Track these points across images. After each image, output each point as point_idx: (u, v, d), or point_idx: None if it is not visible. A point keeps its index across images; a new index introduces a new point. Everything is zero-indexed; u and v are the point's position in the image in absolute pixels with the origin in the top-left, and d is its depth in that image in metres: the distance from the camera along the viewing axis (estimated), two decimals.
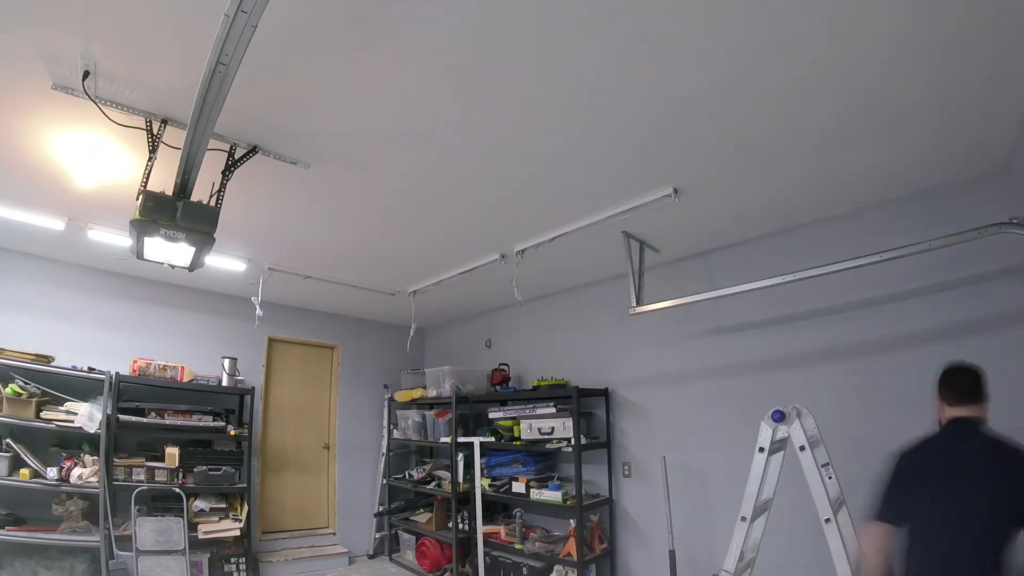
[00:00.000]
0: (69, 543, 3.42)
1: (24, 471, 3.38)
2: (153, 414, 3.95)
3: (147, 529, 3.65)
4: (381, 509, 5.31)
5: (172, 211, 2.16)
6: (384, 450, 5.50)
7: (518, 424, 4.20)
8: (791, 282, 2.65)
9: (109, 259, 3.86)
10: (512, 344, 5.12)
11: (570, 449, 3.74)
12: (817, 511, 1.74)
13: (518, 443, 4.19)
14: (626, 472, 3.94)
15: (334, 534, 5.18)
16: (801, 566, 2.72)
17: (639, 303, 3.29)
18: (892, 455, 1.75)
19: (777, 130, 2.26)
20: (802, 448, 1.80)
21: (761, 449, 1.88)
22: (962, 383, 1.82)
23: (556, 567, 3.76)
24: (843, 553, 1.66)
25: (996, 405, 2.45)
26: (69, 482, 3.44)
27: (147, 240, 2.21)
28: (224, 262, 3.85)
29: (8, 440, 3.41)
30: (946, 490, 1.60)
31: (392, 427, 5.46)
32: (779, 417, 1.87)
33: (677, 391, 3.72)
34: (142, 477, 3.84)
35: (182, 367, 4.21)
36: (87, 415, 3.54)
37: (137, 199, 2.18)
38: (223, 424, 4.25)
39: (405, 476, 5.26)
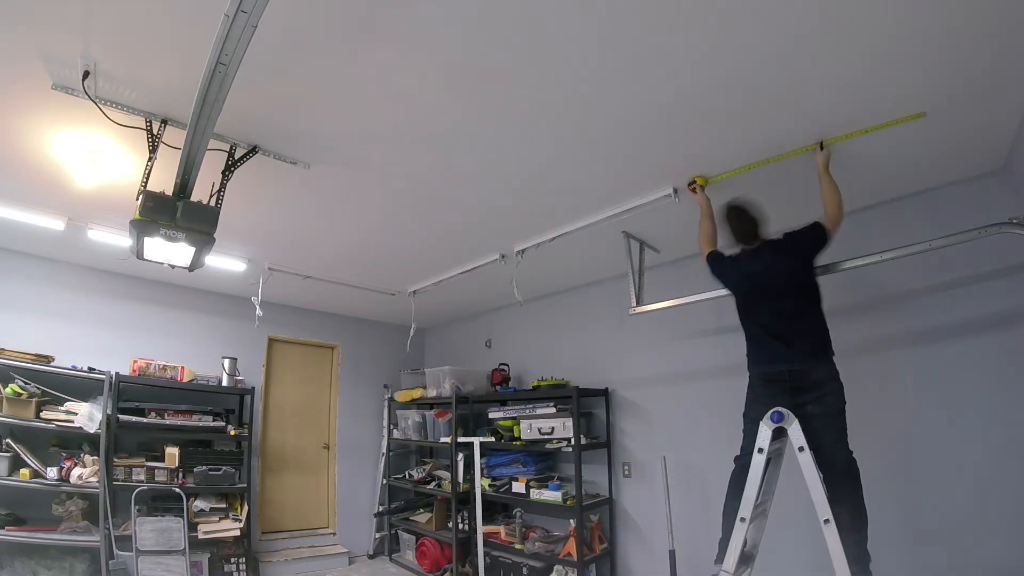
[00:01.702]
0: (69, 543, 3.42)
1: (24, 471, 3.38)
2: (153, 414, 3.95)
3: (147, 529, 3.64)
4: (381, 509, 5.31)
5: (172, 211, 2.16)
6: (384, 450, 5.50)
7: (518, 424, 4.20)
8: None
9: (109, 259, 3.86)
10: (512, 344, 5.12)
11: (570, 449, 3.74)
12: (816, 512, 1.73)
13: (518, 443, 4.19)
14: (626, 472, 3.94)
15: (334, 534, 5.18)
16: (801, 566, 2.72)
17: (639, 303, 3.28)
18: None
19: (777, 129, 2.26)
20: (801, 449, 1.79)
21: (760, 450, 1.88)
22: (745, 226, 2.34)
23: (556, 567, 3.76)
24: (842, 554, 1.65)
25: (996, 405, 2.46)
26: (69, 482, 3.44)
27: (147, 240, 2.21)
28: (224, 262, 3.85)
29: (8, 440, 3.41)
30: None
31: (392, 427, 5.46)
32: (778, 418, 1.87)
33: (677, 391, 3.72)
34: (142, 477, 3.84)
35: (182, 367, 4.21)
36: (87, 415, 3.54)
37: (137, 199, 2.18)
38: (223, 424, 4.25)
39: (405, 476, 5.26)
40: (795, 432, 1.82)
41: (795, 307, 2.16)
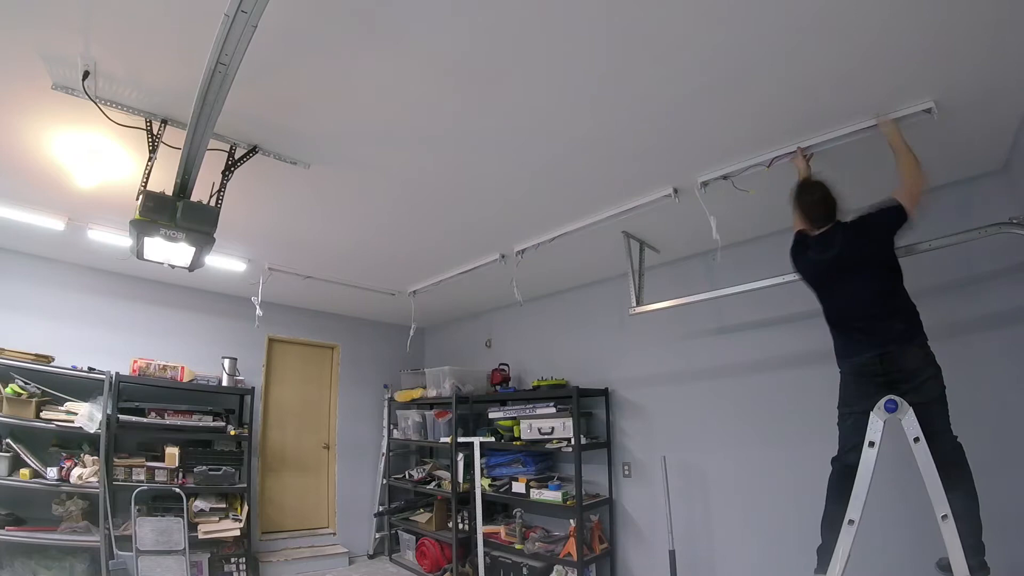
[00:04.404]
0: (69, 543, 3.42)
1: (24, 471, 3.38)
2: (153, 414, 3.95)
3: (147, 529, 3.64)
4: (381, 509, 5.31)
5: (172, 211, 2.16)
6: (384, 450, 5.50)
7: (518, 424, 4.20)
8: (791, 282, 2.65)
9: (109, 259, 3.86)
10: (512, 344, 5.12)
11: (570, 449, 3.74)
12: (933, 507, 1.64)
13: (518, 443, 4.19)
14: (626, 472, 3.95)
15: (334, 534, 5.18)
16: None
17: (639, 303, 3.29)
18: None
19: (777, 130, 2.26)
20: (916, 440, 1.68)
21: (871, 443, 1.77)
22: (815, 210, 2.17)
23: (556, 567, 3.75)
24: (961, 551, 1.59)
25: (996, 403, 2.46)
26: (69, 482, 3.44)
27: (147, 240, 2.21)
28: (224, 262, 3.85)
29: (8, 440, 3.41)
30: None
31: (392, 427, 5.46)
32: (893, 407, 1.75)
33: (677, 391, 3.72)
34: (142, 477, 3.84)
35: (182, 367, 4.21)
36: (87, 415, 3.54)
37: (137, 199, 2.18)
38: (223, 424, 4.25)
39: (405, 476, 5.26)
40: (910, 422, 1.71)
41: (877, 290, 1.99)
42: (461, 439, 4.39)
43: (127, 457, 3.88)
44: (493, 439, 4.30)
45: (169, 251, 2.32)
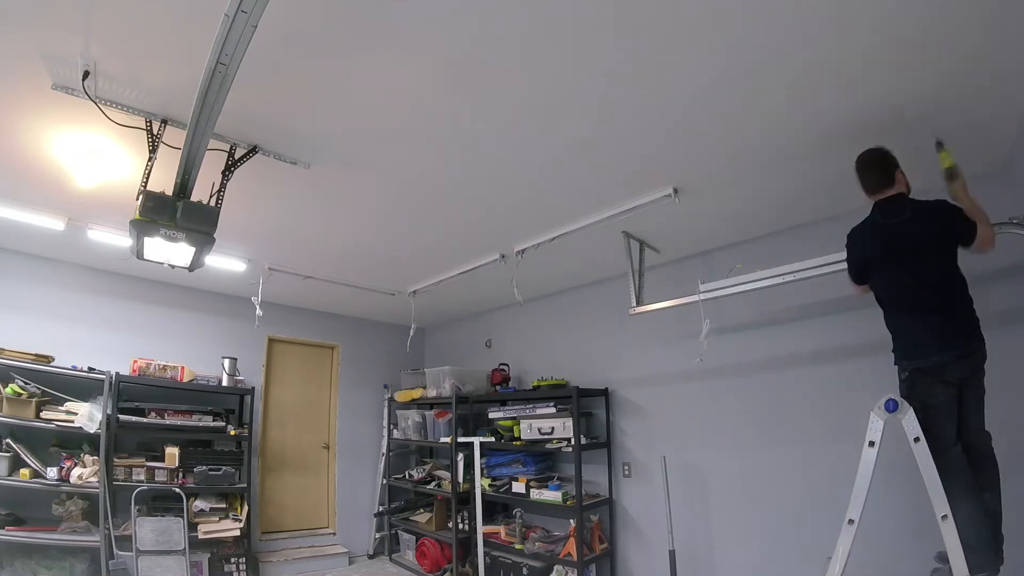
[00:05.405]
0: (69, 543, 3.42)
1: (24, 471, 3.38)
2: (153, 414, 3.95)
3: (147, 529, 3.64)
4: (381, 509, 5.31)
5: (172, 211, 2.16)
6: (384, 450, 5.50)
7: (518, 424, 4.20)
8: (791, 282, 2.65)
9: (109, 259, 3.86)
10: (512, 344, 5.12)
11: (570, 449, 3.74)
12: (933, 508, 1.65)
13: (518, 443, 4.19)
14: (626, 472, 3.94)
15: (334, 534, 5.18)
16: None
17: (639, 303, 3.29)
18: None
19: (777, 130, 2.27)
20: (916, 439, 1.69)
21: (871, 443, 1.77)
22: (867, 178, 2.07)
23: (556, 567, 3.76)
24: (960, 551, 1.60)
25: (996, 403, 2.45)
26: (69, 482, 3.44)
27: (147, 240, 2.21)
28: (224, 262, 3.85)
29: (8, 440, 3.41)
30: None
31: (392, 427, 5.46)
32: (893, 407, 1.75)
33: (677, 391, 3.72)
34: (142, 477, 3.84)
35: (182, 367, 4.21)
36: (87, 415, 3.54)
37: (137, 199, 2.18)
38: (223, 424, 4.25)
39: (405, 476, 5.26)
40: (909, 421, 1.72)
41: (942, 275, 1.87)
42: (461, 439, 4.39)
43: (127, 457, 3.88)
44: (493, 439, 4.30)
45: (169, 251, 2.32)
